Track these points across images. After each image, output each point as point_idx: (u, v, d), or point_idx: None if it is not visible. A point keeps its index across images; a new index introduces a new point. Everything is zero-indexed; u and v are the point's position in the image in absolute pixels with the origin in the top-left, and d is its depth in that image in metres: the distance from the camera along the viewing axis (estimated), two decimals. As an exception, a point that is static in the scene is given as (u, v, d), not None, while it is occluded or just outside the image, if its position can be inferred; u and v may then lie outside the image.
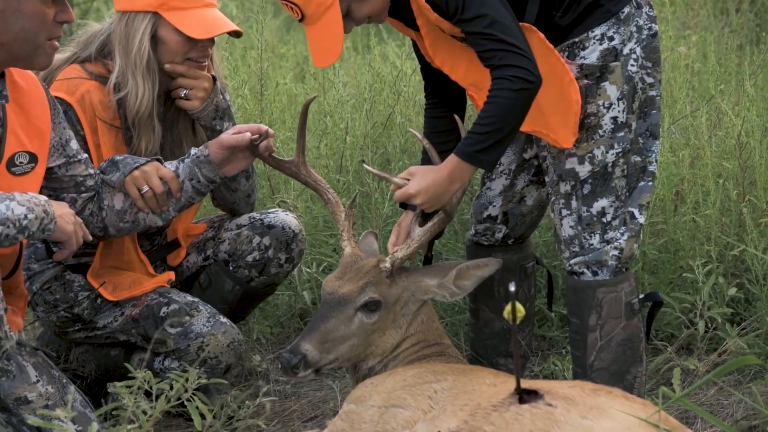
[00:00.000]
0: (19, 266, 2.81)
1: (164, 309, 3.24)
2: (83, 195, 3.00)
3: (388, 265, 2.88)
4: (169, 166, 3.06)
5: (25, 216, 2.59)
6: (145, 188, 3.00)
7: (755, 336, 3.56)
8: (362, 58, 5.75)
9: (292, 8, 2.85)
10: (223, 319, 3.26)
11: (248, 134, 2.98)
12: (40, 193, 2.80)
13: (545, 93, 2.80)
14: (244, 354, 3.36)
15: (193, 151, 3.06)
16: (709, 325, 3.59)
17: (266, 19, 4.56)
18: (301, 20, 2.88)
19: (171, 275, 3.37)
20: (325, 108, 4.53)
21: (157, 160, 3.07)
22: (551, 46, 2.84)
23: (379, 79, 4.54)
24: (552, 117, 2.88)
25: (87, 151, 3.11)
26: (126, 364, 2.95)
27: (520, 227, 3.28)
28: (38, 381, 2.72)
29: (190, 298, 3.30)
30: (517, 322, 2.97)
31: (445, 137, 3.14)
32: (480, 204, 3.27)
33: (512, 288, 2.99)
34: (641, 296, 3.06)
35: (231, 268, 3.47)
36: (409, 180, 2.85)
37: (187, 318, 3.22)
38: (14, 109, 2.76)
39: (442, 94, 3.18)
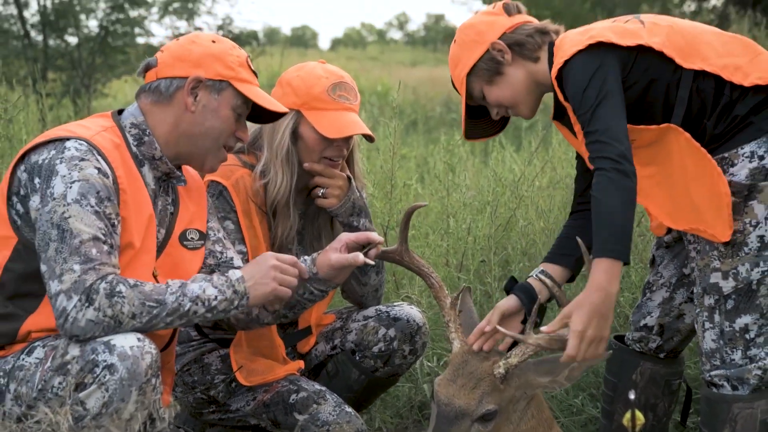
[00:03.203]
0: (174, 340, 2.82)
1: (293, 396, 3.21)
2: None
3: (502, 371, 2.68)
4: None
5: (215, 297, 2.60)
6: None
7: None
8: (482, 161, 5.77)
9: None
10: (348, 409, 3.21)
11: (360, 257, 2.83)
12: None
13: (698, 191, 2.72)
14: (367, 443, 3.30)
15: (302, 258, 2.95)
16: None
17: (393, 124, 4.59)
18: None
19: (301, 364, 3.34)
20: (448, 209, 4.52)
21: None
22: (697, 144, 2.73)
23: (500, 183, 4.52)
24: (707, 213, 2.75)
25: (239, 231, 3.14)
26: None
27: (674, 341, 3.16)
28: (179, 459, 2.71)
29: (317, 386, 3.26)
30: (636, 430, 2.87)
31: (569, 250, 3.01)
32: (639, 313, 3.17)
33: (632, 396, 2.86)
34: None
35: (357, 358, 3.43)
36: (566, 324, 2.63)
37: (315, 406, 3.19)
38: (186, 191, 2.87)
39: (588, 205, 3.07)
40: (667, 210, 2.80)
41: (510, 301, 2.93)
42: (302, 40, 49.54)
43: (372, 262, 2.82)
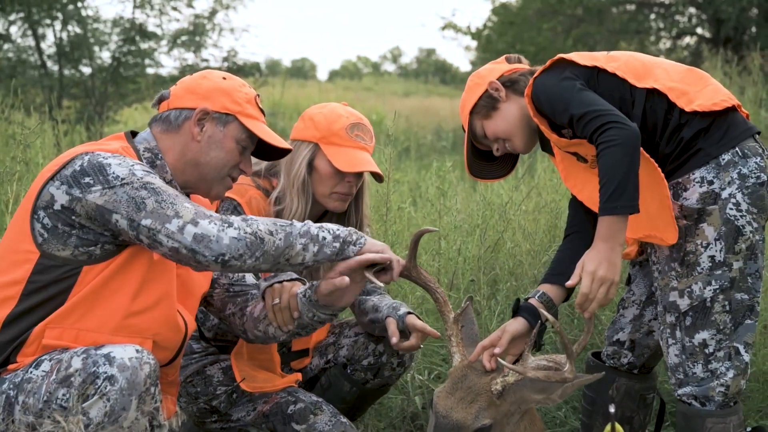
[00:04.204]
0: (179, 356, 2.78)
1: (292, 407, 3.18)
2: (216, 290, 2.98)
3: (499, 388, 2.64)
4: (301, 288, 2.94)
5: (337, 228, 2.64)
6: (276, 301, 2.92)
7: (843, 467, 3.33)
8: (471, 186, 5.76)
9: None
10: (344, 419, 3.18)
11: (346, 279, 2.70)
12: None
13: (651, 199, 2.71)
14: (361, 452, 3.27)
15: (303, 289, 2.87)
16: (797, 453, 3.38)
17: (387, 150, 4.58)
18: None
19: (298, 376, 3.32)
20: (440, 231, 4.50)
21: (300, 281, 2.99)
22: (647, 155, 2.72)
23: (489, 207, 4.50)
24: (659, 219, 2.76)
25: None
26: (257, 456, 2.89)
27: (644, 357, 3.15)
28: (183, 465, 2.67)
29: (314, 398, 3.23)
30: (615, 441, 2.84)
31: (564, 270, 2.97)
32: (613, 328, 3.16)
33: (612, 410, 2.85)
34: (748, 429, 2.88)
35: (349, 371, 3.42)
36: (581, 276, 2.66)
37: (312, 417, 3.16)
38: None
39: (579, 227, 3.08)
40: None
41: (518, 324, 2.89)
42: (302, 71, 49.56)
43: (377, 282, 2.69)
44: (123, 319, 2.53)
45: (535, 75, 2.85)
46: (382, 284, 2.73)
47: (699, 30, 14.73)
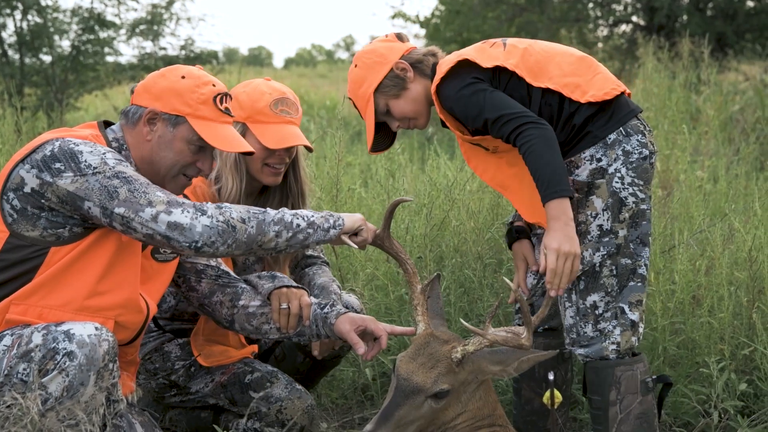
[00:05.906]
0: (140, 336, 2.77)
1: (249, 376, 3.20)
2: (203, 280, 2.97)
3: (459, 356, 2.67)
4: (314, 300, 3.00)
5: (312, 215, 2.64)
6: (285, 305, 2.93)
7: (764, 428, 3.41)
8: (419, 168, 5.77)
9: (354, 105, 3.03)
10: (299, 387, 3.20)
11: (363, 349, 2.84)
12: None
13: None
14: (316, 419, 3.28)
15: (326, 310, 2.95)
16: (722, 416, 3.46)
17: (339, 134, 4.58)
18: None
19: (254, 348, 3.34)
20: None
21: (305, 290, 3.03)
22: None
23: (435, 188, 4.51)
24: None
25: None
26: (215, 426, 2.89)
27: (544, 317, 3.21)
28: (144, 437, 2.67)
29: (270, 367, 3.25)
30: (555, 407, 2.90)
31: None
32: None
33: (551, 377, 2.90)
34: (654, 377, 2.97)
35: (302, 343, 3.41)
36: (546, 252, 2.77)
37: (269, 384, 3.17)
38: None
39: None
40: (525, 204, 2.93)
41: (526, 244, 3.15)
42: (258, 59, 48.92)
43: (352, 245, 2.75)
44: (86, 299, 2.52)
45: (440, 76, 2.88)
46: (356, 247, 2.78)
47: (634, 18, 14.87)
